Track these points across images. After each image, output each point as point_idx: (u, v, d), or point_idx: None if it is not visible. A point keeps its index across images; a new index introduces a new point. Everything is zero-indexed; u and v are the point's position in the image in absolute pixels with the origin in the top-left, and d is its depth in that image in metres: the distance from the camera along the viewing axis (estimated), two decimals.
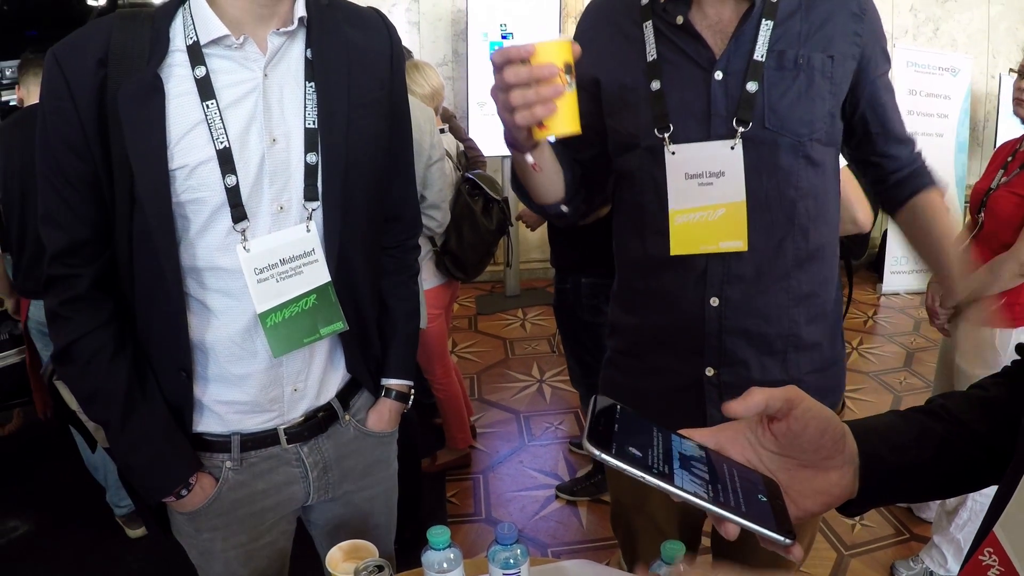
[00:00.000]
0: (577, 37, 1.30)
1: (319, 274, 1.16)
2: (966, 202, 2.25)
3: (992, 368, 0.81)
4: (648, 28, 1.21)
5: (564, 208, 1.30)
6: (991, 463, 0.70)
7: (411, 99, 1.46)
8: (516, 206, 4.78)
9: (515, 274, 5.15)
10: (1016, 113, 2.22)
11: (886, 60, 1.25)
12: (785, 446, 0.68)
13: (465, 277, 2.81)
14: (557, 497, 2.89)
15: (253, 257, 1.10)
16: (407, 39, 4.99)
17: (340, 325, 1.19)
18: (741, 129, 1.16)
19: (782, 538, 0.60)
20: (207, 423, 1.19)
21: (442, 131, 2.76)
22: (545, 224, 2.73)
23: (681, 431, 0.68)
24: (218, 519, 1.21)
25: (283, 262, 1.12)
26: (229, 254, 1.10)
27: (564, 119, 0.96)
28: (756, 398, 0.66)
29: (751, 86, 1.15)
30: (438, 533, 1.04)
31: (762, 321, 1.22)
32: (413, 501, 2.46)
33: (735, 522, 0.59)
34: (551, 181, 1.25)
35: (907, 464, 0.72)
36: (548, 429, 3.44)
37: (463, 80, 4.96)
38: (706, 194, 1.18)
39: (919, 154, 1.33)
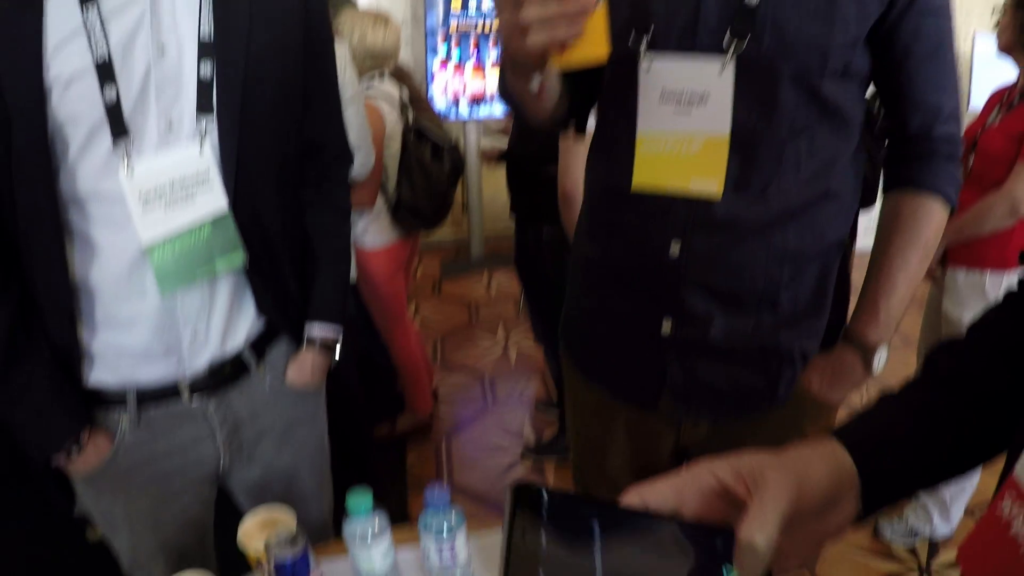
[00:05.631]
0: None
1: (215, 200, 1.00)
2: None
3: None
4: None
5: (572, 124, 1.13)
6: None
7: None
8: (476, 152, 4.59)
9: (479, 236, 4.99)
10: (999, 47, 2.12)
11: None
12: None
13: (424, 224, 2.62)
14: (523, 459, 2.77)
15: (138, 180, 0.94)
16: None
17: (239, 256, 1.03)
18: (734, 46, 0.92)
19: None
20: (99, 373, 1.04)
21: (381, 74, 2.55)
22: (505, 171, 2.57)
23: (630, 493, 0.51)
24: (117, 482, 1.07)
25: (173, 186, 0.96)
26: (112, 178, 0.94)
27: (592, 41, 0.75)
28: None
29: None
30: (358, 498, 0.89)
31: (732, 277, 1.02)
32: (359, 467, 2.32)
33: None
34: (555, 97, 1.03)
35: (920, 469, 0.61)
36: (513, 392, 3.31)
37: (421, 43, 4.71)
38: (683, 120, 0.96)
39: (942, 140, 1.02)
